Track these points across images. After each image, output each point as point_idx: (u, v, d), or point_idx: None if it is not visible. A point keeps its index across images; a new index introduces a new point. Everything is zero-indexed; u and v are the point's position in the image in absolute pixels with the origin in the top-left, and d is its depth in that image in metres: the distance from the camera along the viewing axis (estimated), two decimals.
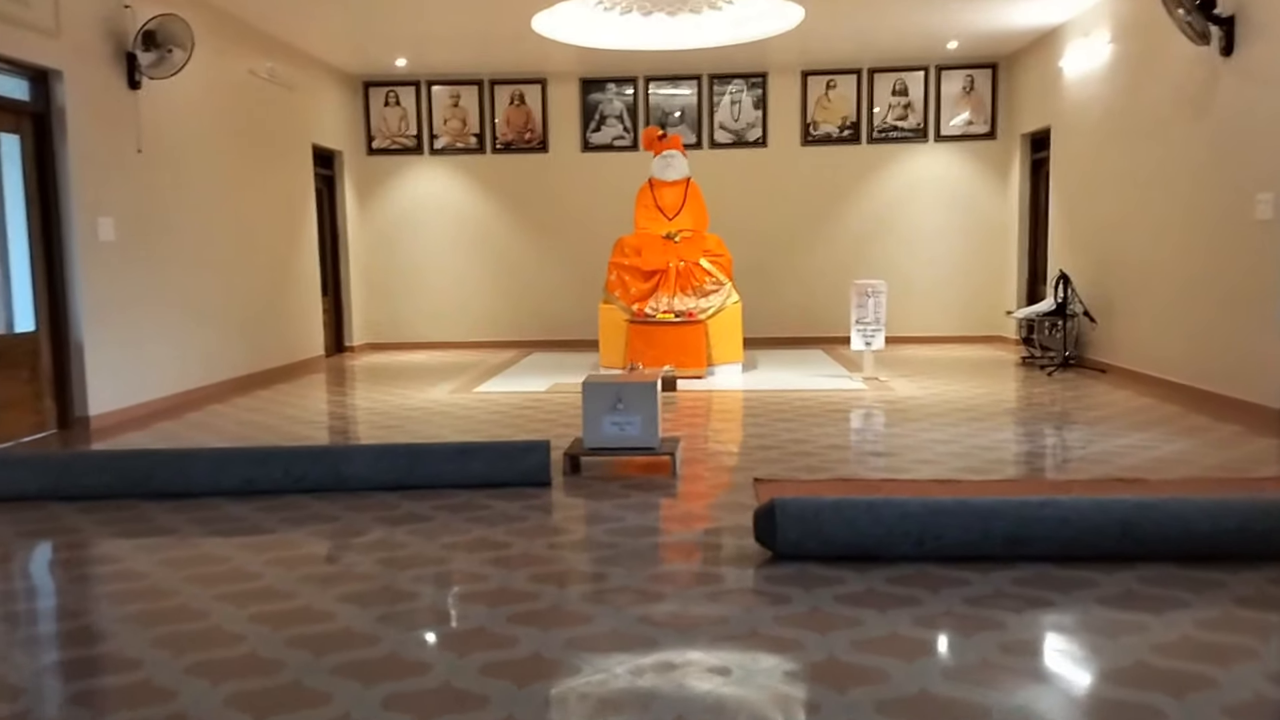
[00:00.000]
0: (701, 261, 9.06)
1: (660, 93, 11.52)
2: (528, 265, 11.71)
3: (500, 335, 11.74)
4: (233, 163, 8.52)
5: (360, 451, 4.70)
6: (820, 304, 11.45)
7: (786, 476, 4.79)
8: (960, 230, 11.41)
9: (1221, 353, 6.67)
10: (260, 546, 3.76)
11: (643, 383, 4.92)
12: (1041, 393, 7.50)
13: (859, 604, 3.03)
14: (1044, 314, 9.04)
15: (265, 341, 9.02)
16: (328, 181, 11.11)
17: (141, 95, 7.00)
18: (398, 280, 11.77)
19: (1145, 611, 2.96)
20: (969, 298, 11.47)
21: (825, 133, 11.44)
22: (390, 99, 11.64)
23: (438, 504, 4.36)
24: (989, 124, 11.31)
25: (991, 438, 5.73)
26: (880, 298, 8.36)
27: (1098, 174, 8.81)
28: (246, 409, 7.23)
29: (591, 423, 4.92)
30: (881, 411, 6.76)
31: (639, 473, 4.92)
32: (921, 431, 5.93)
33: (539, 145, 11.60)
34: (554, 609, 3.03)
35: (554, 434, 5.95)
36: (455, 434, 6.08)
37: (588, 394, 4.91)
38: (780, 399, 7.30)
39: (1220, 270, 6.67)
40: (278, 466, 4.57)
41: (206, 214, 8.03)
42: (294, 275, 9.78)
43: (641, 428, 4.89)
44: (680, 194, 9.53)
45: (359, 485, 4.59)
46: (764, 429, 6.08)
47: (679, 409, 6.97)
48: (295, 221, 9.85)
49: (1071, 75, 9.41)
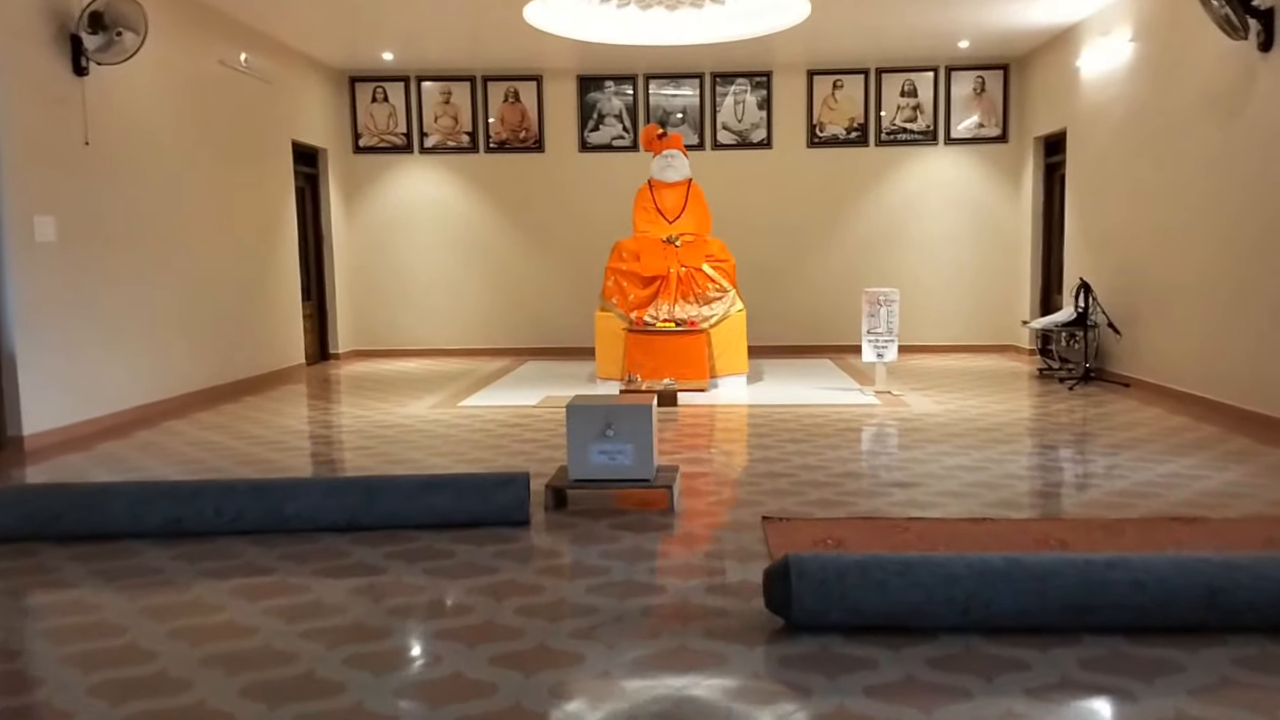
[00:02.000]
0: (704, 267, 8.49)
1: (661, 93, 10.96)
2: (522, 270, 11.14)
3: (493, 343, 11.16)
4: (200, 159, 7.96)
5: (307, 487, 4.11)
6: (827, 311, 10.89)
7: (799, 513, 4.21)
8: (971, 236, 10.85)
9: (1265, 368, 6.09)
10: (167, 611, 3.14)
11: (636, 405, 4.35)
12: (1065, 409, 6.92)
13: (896, 698, 2.46)
14: (1063, 324, 8.46)
15: (236, 351, 8.45)
16: (311, 180, 10.55)
17: (89, 83, 6.41)
18: (386, 284, 11.20)
19: (1252, 712, 2.39)
20: (980, 305, 10.90)
21: (832, 134, 10.88)
22: (378, 95, 11.09)
23: (395, 549, 3.78)
24: (1000, 127, 10.75)
25: (1021, 464, 5.17)
26: (893, 307, 7.80)
27: (1118, 178, 8.25)
28: (207, 426, 6.66)
29: (577, 451, 4.35)
30: (898, 431, 6.19)
31: (633, 507, 4.35)
32: (944, 455, 5.36)
33: (534, 145, 11.04)
34: (512, 711, 2.44)
35: (541, 457, 5.38)
36: (432, 456, 5.51)
37: (573, 419, 4.34)
38: (788, 415, 6.73)
39: (1264, 280, 6.10)
40: (208, 504, 3.98)
41: (167, 213, 7.46)
42: (270, 279, 9.21)
43: (635, 457, 4.32)
44: (681, 196, 8.96)
45: (304, 526, 4.01)
46: (772, 451, 5.51)
47: (679, 426, 6.41)
48: (272, 222, 9.28)
49: (1089, 76, 8.85)
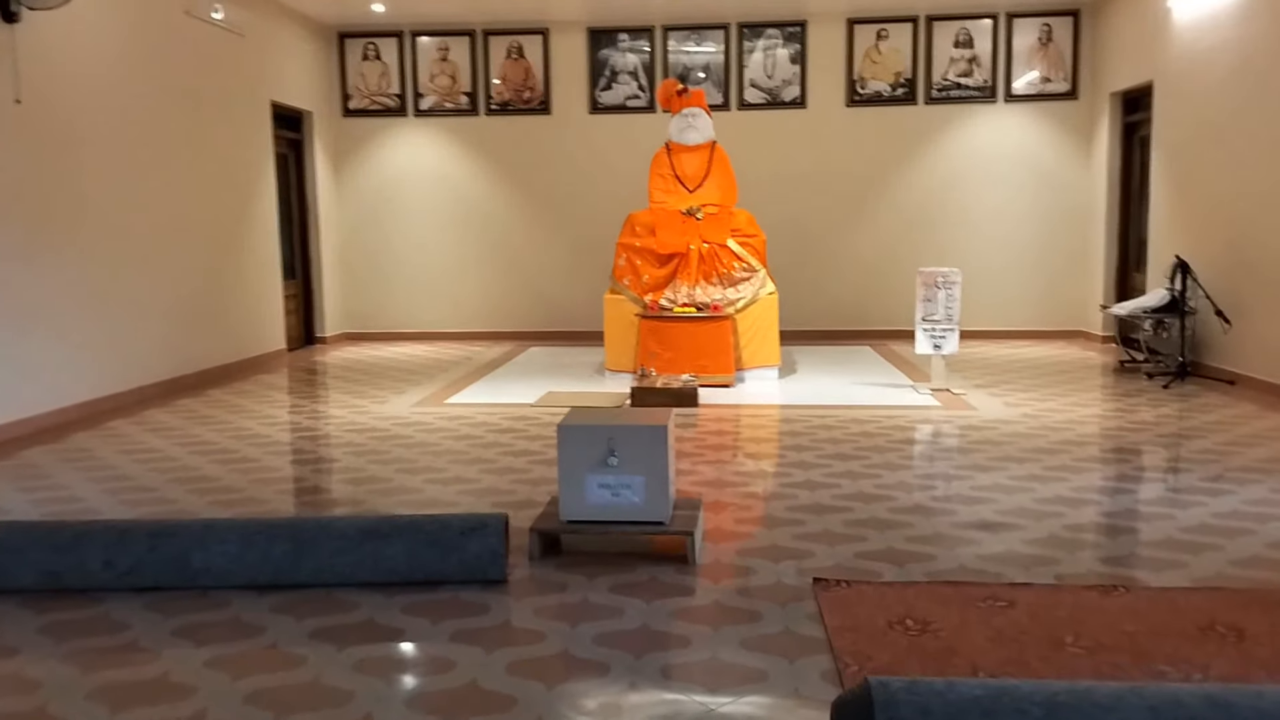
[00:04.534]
0: (729, 243, 7.44)
1: (682, 49, 9.87)
2: (526, 245, 10.13)
3: (495, 326, 10.18)
4: (159, 121, 6.97)
5: (222, 532, 3.14)
6: (868, 293, 9.82)
7: (860, 571, 3.22)
8: (1034, 207, 9.72)
9: None
10: None
11: (647, 426, 3.36)
12: (1169, 416, 5.84)
13: None
14: (1153, 309, 7.36)
15: (203, 337, 7.50)
16: (294, 146, 9.56)
17: (20, 31, 5.45)
18: (377, 261, 10.22)
19: None
20: (1045, 286, 9.78)
21: (875, 91, 9.75)
22: (369, 52, 10.07)
23: (325, 624, 2.82)
24: (1069, 81, 9.58)
25: (1138, 495, 4.13)
26: (954, 290, 6.74)
27: (1224, 139, 7.10)
28: (155, 427, 5.72)
29: (572, 484, 3.36)
30: (966, 444, 5.15)
31: (641, 560, 3.37)
32: (1035, 482, 4.32)
33: (540, 106, 9.99)
34: None
35: (534, 477, 4.40)
36: (402, 473, 4.54)
37: (567, 443, 3.35)
38: (831, 421, 5.72)
39: None
40: (95, 553, 3.04)
41: (119, 183, 6.49)
42: (245, 256, 8.24)
43: (645, 493, 3.33)
44: (704, 161, 7.89)
45: (216, 583, 3.06)
46: (815, 471, 4.51)
47: (699, 434, 5.41)
48: (247, 192, 8.30)
49: (1184, 18, 7.68)
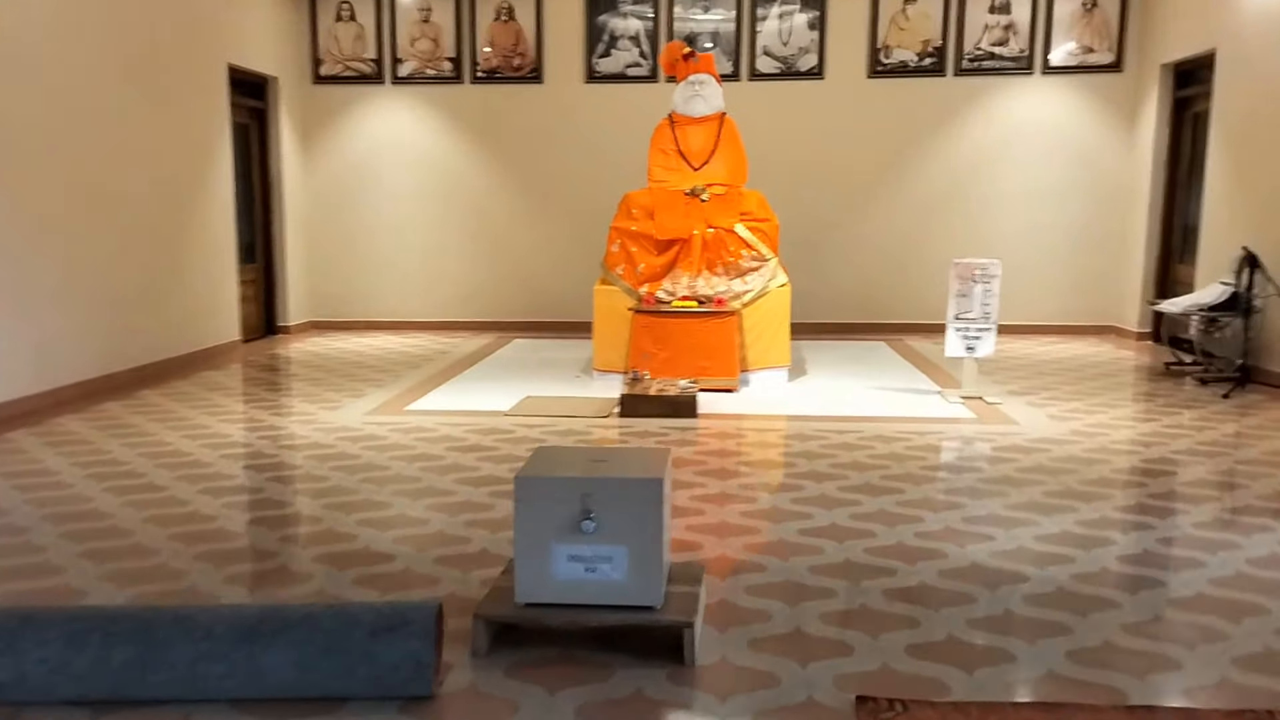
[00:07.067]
0: (737, 228, 6.57)
1: (689, 15, 8.96)
2: (514, 226, 9.25)
3: (478, 315, 9.32)
4: (90, 85, 6.09)
5: (42, 625, 2.29)
6: (885, 283, 8.97)
7: (912, 679, 2.38)
8: (1069, 191, 8.84)
9: None
10: None
11: (638, 480, 2.51)
12: (1250, 436, 5.00)
13: None
14: (1210, 307, 6.51)
15: (139, 329, 6.64)
16: (257, 116, 8.67)
17: None
18: (350, 243, 9.36)
19: None
20: (1076, 278, 8.92)
21: (900, 61, 8.85)
22: (343, 13, 9.17)
23: None
24: (1114, 52, 8.68)
25: (1252, 555, 3.28)
26: (992, 285, 5.90)
27: None
28: (55, 439, 4.87)
29: (533, 554, 2.52)
30: (1019, 472, 4.30)
31: (621, 656, 2.53)
32: (1114, 530, 3.49)
33: (531, 74, 9.10)
34: None
35: (497, 517, 3.57)
36: (333, 510, 3.70)
37: (526, 501, 2.51)
38: (852, 437, 4.88)
39: None
40: None
41: (39, 155, 5.62)
42: (194, 237, 7.37)
43: (629, 566, 2.49)
44: (711, 135, 7.01)
45: (31, 697, 2.22)
46: (840, 512, 3.67)
47: (698, 454, 4.57)
48: (197, 167, 7.42)
49: None
